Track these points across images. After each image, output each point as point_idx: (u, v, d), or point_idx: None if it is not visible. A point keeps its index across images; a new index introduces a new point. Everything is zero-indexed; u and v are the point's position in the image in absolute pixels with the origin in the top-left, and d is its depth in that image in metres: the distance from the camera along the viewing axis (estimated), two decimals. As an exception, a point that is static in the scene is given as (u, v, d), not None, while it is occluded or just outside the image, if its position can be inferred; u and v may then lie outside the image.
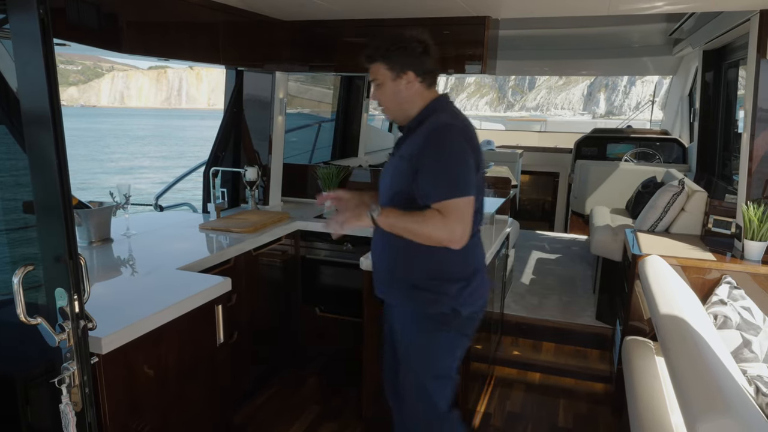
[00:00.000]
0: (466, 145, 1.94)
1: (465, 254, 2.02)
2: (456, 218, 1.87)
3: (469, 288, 2.06)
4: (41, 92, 1.30)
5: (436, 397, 2.11)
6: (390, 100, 2.06)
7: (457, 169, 1.90)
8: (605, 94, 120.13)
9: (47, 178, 1.35)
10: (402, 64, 1.99)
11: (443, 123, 1.96)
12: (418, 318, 2.07)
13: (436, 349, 2.09)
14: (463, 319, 2.07)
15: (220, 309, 2.37)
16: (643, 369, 2.61)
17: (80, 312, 1.42)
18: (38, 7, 1.25)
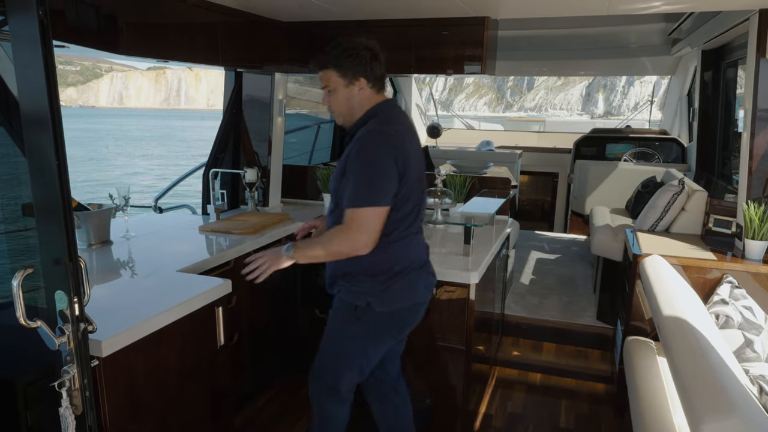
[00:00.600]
0: (389, 154, 1.99)
1: (390, 253, 2.11)
2: (359, 228, 1.96)
3: (392, 288, 2.12)
4: (41, 94, 1.29)
5: (341, 377, 2.24)
6: (342, 106, 2.13)
7: (373, 178, 1.96)
8: (604, 95, 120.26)
9: (47, 180, 1.35)
10: (354, 72, 2.06)
11: (371, 130, 2.02)
12: (338, 305, 2.23)
13: (345, 335, 2.21)
14: (378, 316, 2.14)
15: (221, 311, 2.36)
16: (645, 369, 2.60)
17: (80, 315, 1.41)
18: (38, 8, 1.24)
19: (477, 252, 2.90)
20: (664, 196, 3.55)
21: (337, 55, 2.07)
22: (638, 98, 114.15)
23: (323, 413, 2.34)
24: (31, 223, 2.27)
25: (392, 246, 2.10)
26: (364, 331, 2.18)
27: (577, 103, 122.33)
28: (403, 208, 2.09)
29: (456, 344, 2.74)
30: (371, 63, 2.08)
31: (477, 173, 4.99)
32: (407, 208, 2.11)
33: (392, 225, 2.08)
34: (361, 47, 2.07)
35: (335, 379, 2.26)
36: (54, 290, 1.40)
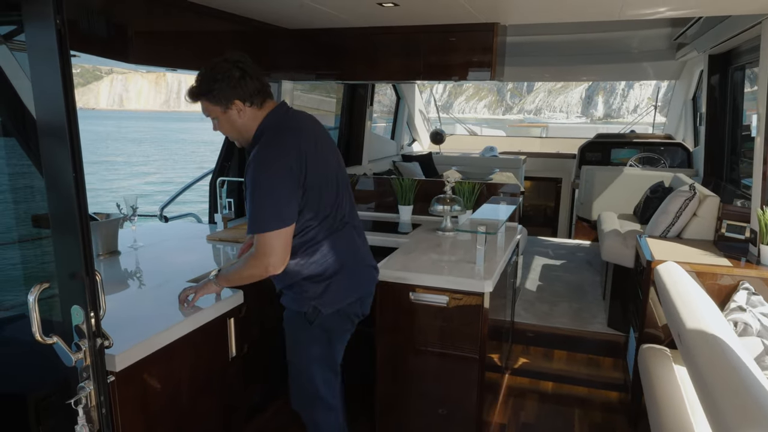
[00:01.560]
0: (279, 170, 1.96)
1: (324, 257, 2.16)
2: (265, 252, 1.99)
3: (331, 288, 2.19)
4: (57, 105, 1.26)
5: (314, 381, 2.30)
6: (229, 131, 2.12)
7: (266, 204, 1.95)
8: (603, 98, 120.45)
9: (63, 193, 1.32)
10: (226, 97, 2.01)
11: (254, 154, 2.01)
12: (288, 315, 2.30)
13: (303, 341, 2.27)
14: (326, 317, 2.20)
15: (232, 322, 2.33)
16: (662, 378, 2.56)
17: (97, 330, 1.38)
18: (55, 17, 1.21)
19: (489, 260, 2.87)
20: (675, 201, 3.52)
21: (207, 83, 2.01)
22: (638, 101, 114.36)
23: (316, 426, 2.39)
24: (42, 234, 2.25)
25: (321, 248, 2.15)
26: (319, 333, 2.24)
27: (577, 106, 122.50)
28: (319, 210, 2.11)
29: (469, 353, 2.70)
30: (240, 82, 2.00)
31: (483, 179, 4.98)
32: (324, 208, 2.13)
33: (313, 229, 2.11)
34: (227, 67, 1.99)
35: (311, 385, 2.32)
36: (70, 305, 1.37)
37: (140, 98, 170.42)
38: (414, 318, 2.72)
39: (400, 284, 2.69)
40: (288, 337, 2.34)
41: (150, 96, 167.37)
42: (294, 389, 2.40)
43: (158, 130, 62.33)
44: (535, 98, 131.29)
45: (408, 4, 2.70)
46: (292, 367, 2.37)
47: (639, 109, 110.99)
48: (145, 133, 57.88)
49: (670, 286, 2.52)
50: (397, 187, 3.85)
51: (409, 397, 2.85)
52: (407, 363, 2.81)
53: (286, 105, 2.19)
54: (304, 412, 2.41)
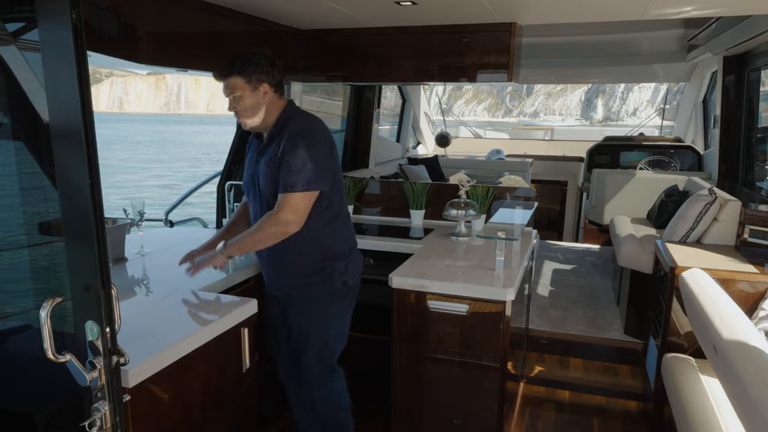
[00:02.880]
0: (320, 144, 2.28)
1: (344, 234, 2.48)
2: (286, 209, 2.21)
3: (350, 261, 2.49)
4: (72, 106, 1.18)
5: (333, 354, 2.54)
6: (250, 110, 2.30)
7: (305, 166, 2.20)
8: (603, 100, 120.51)
9: (78, 199, 1.23)
10: (257, 78, 2.26)
11: (302, 125, 2.30)
12: (316, 297, 2.43)
13: (332, 318, 2.48)
14: (351, 288, 2.51)
15: (246, 332, 2.24)
16: (691, 389, 2.48)
17: (113, 347, 1.29)
18: (71, 12, 1.13)
19: (508, 266, 2.78)
20: (695, 206, 3.44)
21: (240, 63, 2.25)
22: (637, 104, 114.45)
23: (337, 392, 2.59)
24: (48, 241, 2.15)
25: (346, 226, 2.50)
26: (345, 306, 2.52)
27: (576, 109, 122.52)
28: (339, 193, 2.43)
29: (490, 363, 2.61)
30: (271, 69, 2.29)
31: (492, 183, 4.90)
32: (342, 192, 2.47)
33: (335, 209, 2.41)
34: (259, 56, 2.28)
35: (331, 358, 2.54)
36: (84, 320, 1.28)
37: (140, 101, 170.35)
38: (432, 326, 2.64)
39: (419, 292, 2.60)
40: (312, 318, 2.46)
41: (150, 99, 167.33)
42: (311, 365, 2.51)
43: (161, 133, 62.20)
44: (535, 101, 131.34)
45: (426, 2, 2.61)
46: (311, 347, 2.48)
47: (638, 112, 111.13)
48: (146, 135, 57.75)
49: (700, 295, 2.43)
50: (409, 192, 3.76)
51: (426, 405, 2.76)
52: (425, 371, 2.72)
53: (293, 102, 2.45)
54: (324, 396, 2.55)
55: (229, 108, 2.34)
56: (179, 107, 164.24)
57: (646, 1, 2.51)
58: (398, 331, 2.72)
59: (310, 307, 2.46)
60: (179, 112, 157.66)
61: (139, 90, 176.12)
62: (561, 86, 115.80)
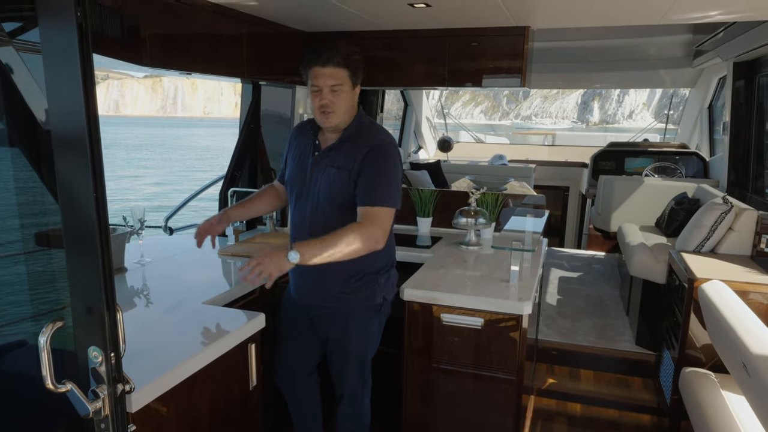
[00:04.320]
0: (399, 164, 2.24)
1: (388, 248, 2.34)
2: (378, 224, 2.12)
3: (390, 277, 2.42)
4: (76, 111, 1.08)
5: (369, 366, 2.48)
6: (345, 107, 2.22)
7: (392, 182, 2.17)
8: (599, 103, 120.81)
9: (81, 212, 1.13)
10: (358, 77, 2.25)
11: (386, 141, 2.23)
12: (359, 309, 2.35)
13: (371, 332, 2.42)
14: (387, 306, 2.44)
15: (254, 348, 2.13)
16: (713, 405, 2.39)
17: (118, 374, 1.19)
18: (76, 9, 1.03)
19: (523, 277, 2.69)
20: (710, 214, 3.35)
21: (350, 56, 2.18)
22: (633, 106, 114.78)
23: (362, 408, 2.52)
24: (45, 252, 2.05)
25: (390, 242, 2.38)
26: (380, 322, 2.45)
27: (573, 112, 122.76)
28: None
29: (505, 379, 2.51)
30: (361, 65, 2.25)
31: (497, 189, 4.80)
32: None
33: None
34: (358, 55, 2.23)
35: (368, 373, 2.49)
36: (86, 345, 1.18)
37: (136, 104, 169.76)
38: (445, 339, 2.54)
39: (432, 305, 2.51)
40: (353, 331, 2.38)
41: (146, 101, 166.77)
42: (348, 377, 2.45)
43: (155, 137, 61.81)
44: (531, 104, 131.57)
45: (441, 4, 2.53)
46: (354, 360, 2.42)
47: (634, 115, 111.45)
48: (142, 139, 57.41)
49: (723, 309, 2.35)
50: (416, 199, 3.67)
51: (437, 420, 2.67)
52: (436, 385, 2.62)
53: None
54: (352, 395, 2.48)
55: (320, 100, 2.17)
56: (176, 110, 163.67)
57: (667, 5, 2.43)
58: (409, 344, 2.62)
59: (351, 321, 2.36)
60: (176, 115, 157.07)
61: (135, 92, 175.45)
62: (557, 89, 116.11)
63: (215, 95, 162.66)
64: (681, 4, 2.43)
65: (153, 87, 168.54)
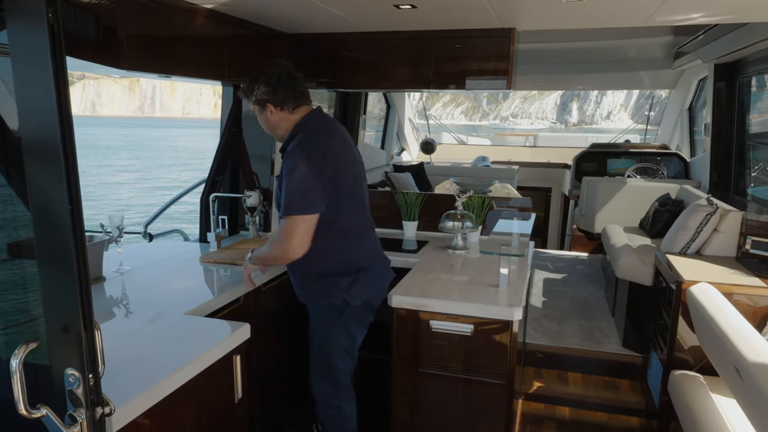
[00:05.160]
0: (308, 167, 2.22)
1: (349, 253, 2.44)
2: (289, 234, 2.23)
3: (359, 281, 2.44)
4: (48, 119, 1.01)
5: (335, 370, 2.54)
6: (264, 127, 2.46)
7: (294, 191, 2.21)
8: (577, 104, 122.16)
9: (55, 226, 1.06)
10: (262, 100, 2.35)
11: (291, 148, 2.30)
12: (318, 309, 2.50)
13: (332, 332, 2.49)
14: (354, 308, 2.45)
15: (239, 360, 2.06)
16: (703, 408, 2.39)
17: (96, 396, 1.12)
18: (47, 11, 0.96)
19: (512, 282, 2.66)
20: (695, 216, 3.36)
21: (249, 87, 2.37)
22: (611, 107, 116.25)
23: (337, 411, 2.59)
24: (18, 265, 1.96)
25: (352, 245, 2.44)
26: (345, 324, 2.48)
27: (552, 113, 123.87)
28: (351, 206, 2.41)
29: (496, 385, 2.48)
30: (275, 89, 2.32)
31: (482, 191, 4.78)
32: (354, 204, 2.43)
33: (341, 226, 2.37)
34: (267, 76, 2.32)
35: (336, 372, 2.54)
36: (62, 366, 1.10)
37: (113, 104, 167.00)
38: (435, 346, 2.50)
39: (421, 312, 2.46)
40: (315, 329, 2.54)
41: (123, 102, 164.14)
42: (316, 376, 2.59)
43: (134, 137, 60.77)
44: (511, 105, 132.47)
45: (427, 5, 2.48)
46: (317, 357, 2.56)
47: (612, 116, 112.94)
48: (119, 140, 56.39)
49: (713, 312, 2.34)
50: (402, 202, 3.62)
51: (428, 428, 2.62)
52: (426, 393, 2.58)
53: (320, 110, 2.46)
54: (324, 398, 2.59)
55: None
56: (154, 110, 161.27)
57: (653, 7, 2.42)
58: (398, 352, 2.57)
59: (313, 316, 2.54)
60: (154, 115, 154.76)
61: (112, 92, 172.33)
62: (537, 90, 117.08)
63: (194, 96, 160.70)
64: (666, 7, 2.42)
65: (130, 87, 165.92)
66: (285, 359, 3.09)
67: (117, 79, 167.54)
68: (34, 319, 1.72)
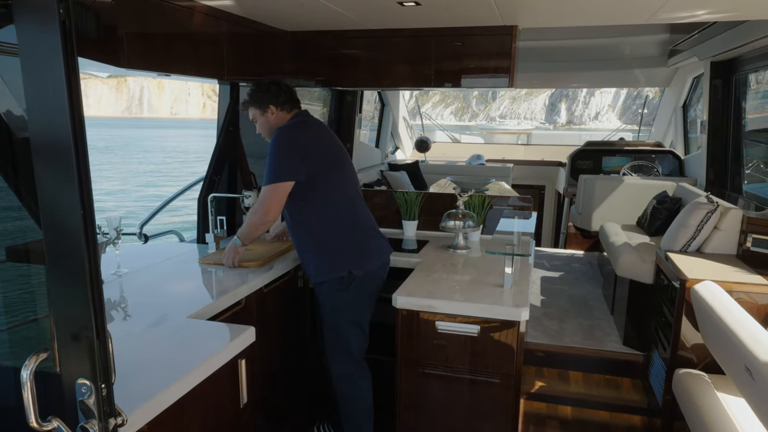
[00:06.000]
0: (289, 144, 2.55)
1: (345, 225, 2.67)
2: (262, 202, 2.55)
3: (359, 252, 2.65)
4: (59, 119, 0.97)
5: (349, 342, 2.70)
6: (264, 128, 2.74)
7: (275, 163, 2.53)
8: (566, 104, 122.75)
9: (67, 233, 1.02)
10: (265, 102, 2.67)
11: (273, 136, 2.60)
12: (327, 286, 2.66)
13: (341, 306, 2.66)
14: (359, 280, 2.63)
15: (244, 364, 2.03)
16: (710, 407, 2.38)
17: (109, 407, 1.08)
18: (58, 6, 0.92)
19: (517, 282, 2.64)
20: (696, 214, 3.36)
21: (252, 94, 2.70)
22: (599, 107, 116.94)
23: (361, 393, 2.74)
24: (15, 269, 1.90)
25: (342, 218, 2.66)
26: (353, 296, 2.65)
27: (541, 113, 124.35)
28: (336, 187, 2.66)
29: (503, 382, 2.46)
30: (277, 93, 2.67)
31: (479, 190, 4.76)
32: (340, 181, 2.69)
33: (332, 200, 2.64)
34: (269, 84, 2.69)
35: (347, 346, 2.70)
36: (74, 377, 1.06)
37: (100, 104, 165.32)
38: (441, 348, 2.47)
39: (427, 313, 2.43)
40: (326, 307, 2.70)
41: (111, 102, 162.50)
42: (330, 353, 2.74)
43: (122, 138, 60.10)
44: (500, 105, 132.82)
45: (431, 3, 2.45)
46: (330, 334, 2.72)
47: (600, 116, 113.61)
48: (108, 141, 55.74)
49: (722, 312, 2.33)
50: (401, 202, 3.59)
51: (433, 430, 2.59)
52: (431, 395, 2.55)
53: (306, 112, 2.78)
54: (338, 372, 2.73)
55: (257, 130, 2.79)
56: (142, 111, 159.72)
57: (659, 4, 2.41)
58: (403, 353, 2.55)
59: (322, 294, 2.70)
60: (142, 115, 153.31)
61: (99, 93, 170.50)
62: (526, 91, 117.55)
63: (182, 96, 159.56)
64: (672, 4, 2.41)
65: (118, 87, 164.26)
66: (287, 360, 3.05)
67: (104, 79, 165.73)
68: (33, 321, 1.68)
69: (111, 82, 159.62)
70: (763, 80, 4.37)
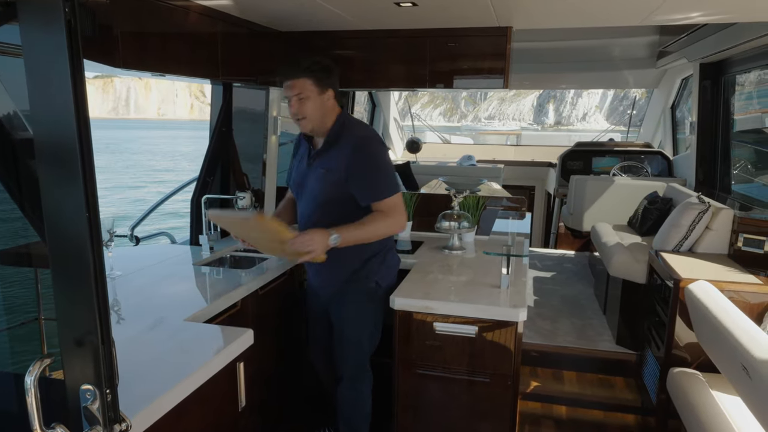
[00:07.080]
0: (384, 151, 2.43)
1: None
2: (398, 211, 2.39)
3: (385, 262, 2.56)
4: (64, 119, 0.95)
5: (365, 352, 2.61)
6: (314, 113, 2.37)
7: (387, 171, 2.39)
8: (554, 105, 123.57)
9: (70, 234, 1.00)
10: (326, 83, 2.36)
11: (364, 136, 2.41)
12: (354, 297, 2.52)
13: (365, 317, 2.55)
14: (383, 292, 2.53)
15: (242, 367, 2.01)
16: (705, 405, 2.40)
17: (114, 414, 1.06)
18: (63, 5, 0.90)
19: (514, 283, 2.64)
20: (688, 214, 3.39)
21: (311, 66, 2.33)
22: (586, 108, 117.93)
23: (360, 393, 2.64)
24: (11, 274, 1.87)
25: None
26: (376, 308, 2.55)
27: (529, 114, 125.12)
28: None
29: (501, 383, 2.46)
30: (337, 78, 2.42)
31: (471, 190, 4.76)
32: None
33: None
34: (330, 62, 2.40)
35: (364, 357, 2.61)
36: (78, 382, 1.04)
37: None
38: (438, 349, 2.47)
39: (425, 314, 2.43)
40: (350, 315, 2.55)
41: (97, 103, 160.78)
42: (345, 360, 2.61)
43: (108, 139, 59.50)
44: (489, 106, 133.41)
45: (428, 4, 2.45)
46: (348, 342, 2.58)
47: (587, 117, 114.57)
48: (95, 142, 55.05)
49: (717, 311, 2.35)
50: (396, 202, 3.58)
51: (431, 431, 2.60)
52: (429, 397, 2.55)
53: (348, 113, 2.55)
54: (351, 380, 2.62)
55: (291, 108, 2.39)
56: (128, 112, 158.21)
57: (654, 5, 2.43)
58: (400, 354, 2.54)
59: (348, 305, 2.55)
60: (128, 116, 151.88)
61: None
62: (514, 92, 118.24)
63: (170, 96, 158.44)
64: (667, 6, 2.43)
65: (104, 88, 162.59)
66: (282, 362, 3.03)
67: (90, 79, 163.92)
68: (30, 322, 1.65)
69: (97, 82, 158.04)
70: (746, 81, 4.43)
